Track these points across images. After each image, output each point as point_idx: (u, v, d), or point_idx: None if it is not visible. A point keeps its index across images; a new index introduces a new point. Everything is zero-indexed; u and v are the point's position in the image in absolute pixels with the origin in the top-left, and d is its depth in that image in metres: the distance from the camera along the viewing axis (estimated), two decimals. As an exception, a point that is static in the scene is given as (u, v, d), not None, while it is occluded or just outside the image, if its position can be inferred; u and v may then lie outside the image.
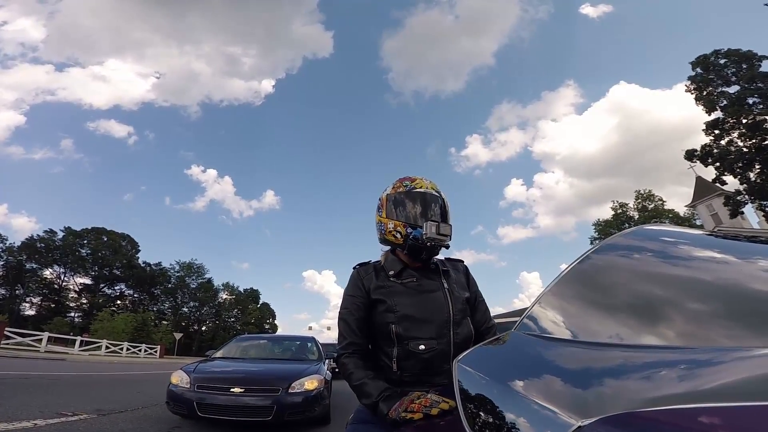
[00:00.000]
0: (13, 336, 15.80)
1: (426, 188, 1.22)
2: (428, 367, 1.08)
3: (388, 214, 1.22)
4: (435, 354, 1.07)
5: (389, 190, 1.26)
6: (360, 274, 1.23)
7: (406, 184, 1.23)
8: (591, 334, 0.59)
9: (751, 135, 18.25)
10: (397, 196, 1.22)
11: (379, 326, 1.14)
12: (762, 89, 18.18)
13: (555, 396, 0.47)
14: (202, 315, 60.33)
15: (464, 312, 1.17)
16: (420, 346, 1.07)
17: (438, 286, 1.18)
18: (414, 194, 1.20)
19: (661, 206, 34.87)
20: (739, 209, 19.69)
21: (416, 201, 1.20)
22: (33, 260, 47.10)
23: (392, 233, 1.20)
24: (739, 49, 19.25)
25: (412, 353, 1.07)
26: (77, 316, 48.95)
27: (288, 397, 4.08)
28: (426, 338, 1.08)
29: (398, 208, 1.20)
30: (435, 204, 1.20)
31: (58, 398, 5.01)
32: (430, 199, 1.20)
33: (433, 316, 1.12)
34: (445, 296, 1.15)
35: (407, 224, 1.17)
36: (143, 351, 28.18)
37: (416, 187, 1.21)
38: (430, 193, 1.21)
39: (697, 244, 0.66)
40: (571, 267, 0.70)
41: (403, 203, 1.20)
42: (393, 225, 1.20)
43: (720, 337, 0.44)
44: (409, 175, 1.27)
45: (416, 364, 1.08)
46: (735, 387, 0.34)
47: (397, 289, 1.16)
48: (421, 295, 1.15)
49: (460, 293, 1.19)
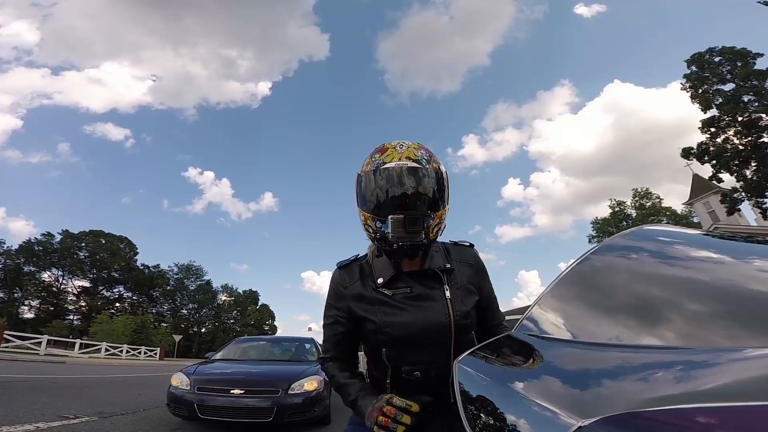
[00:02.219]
0: (13, 339, 15.75)
1: (398, 161, 0.91)
2: (425, 391, 0.94)
3: (358, 200, 0.96)
4: (432, 378, 0.94)
5: (361, 167, 0.98)
6: (341, 280, 1.02)
7: (375, 158, 0.95)
8: (591, 334, 0.59)
9: (747, 133, 18.30)
10: (365, 177, 0.94)
11: (369, 344, 1.00)
12: (757, 87, 18.23)
13: (555, 396, 0.47)
14: (202, 317, 60.21)
15: (469, 327, 0.98)
16: (415, 373, 0.93)
17: (438, 295, 0.96)
18: (381, 173, 0.91)
19: (658, 204, 34.99)
20: (735, 206, 19.74)
21: (382, 183, 0.91)
22: (31, 263, 46.92)
23: (365, 226, 0.96)
24: (733, 47, 19.28)
25: (406, 379, 0.94)
26: (76, 319, 48.80)
27: (288, 398, 4.08)
28: (422, 363, 0.93)
29: (365, 193, 0.94)
30: (406, 184, 0.90)
31: (59, 401, 4.99)
32: (398, 178, 0.90)
33: (431, 337, 0.93)
34: (447, 310, 0.94)
35: (376, 216, 0.92)
36: (143, 353, 28.10)
37: (385, 162, 0.91)
38: (401, 167, 0.90)
39: (696, 245, 0.67)
40: (571, 268, 0.71)
41: (369, 187, 0.93)
42: (363, 216, 0.95)
43: (719, 338, 0.45)
44: (385, 143, 0.98)
45: (411, 388, 0.94)
46: (734, 387, 0.35)
47: (387, 304, 0.95)
48: (416, 311, 0.94)
49: (466, 301, 0.98)
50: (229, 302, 62.44)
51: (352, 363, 1.08)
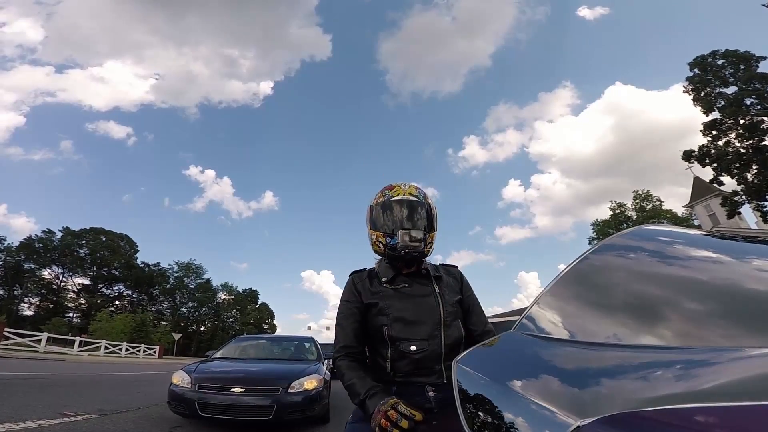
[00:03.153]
0: (12, 336, 15.76)
1: (403, 195, 1.23)
2: (419, 367, 1.11)
3: (371, 224, 1.26)
4: (426, 354, 1.11)
5: (372, 200, 1.29)
6: (354, 281, 1.26)
7: (385, 193, 1.26)
8: (590, 334, 0.59)
9: (749, 136, 18.28)
10: (377, 206, 1.25)
11: (374, 329, 1.18)
12: (759, 90, 18.21)
13: (554, 396, 0.48)
14: (201, 315, 60.18)
15: (455, 315, 1.20)
16: (411, 347, 1.11)
17: (429, 290, 1.21)
18: (390, 203, 1.23)
19: (659, 206, 34.93)
20: (736, 209, 19.72)
21: (392, 210, 1.22)
22: (31, 260, 46.93)
23: (375, 244, 1.25)
24: (736, 50, 19.27)
25: (404, 354, 1.11)
26: (76, 317, 48.83)
27: (288, 397, 4.09)
28: (417, 339, 1.12)
29: (378, 218, 1.24)
30: (410, 211, 1.21)
31: (60, 399, 5.00)
32: (405, 207, 1.22)
33: (424, 318, 1.15)
34: (436, 299, 1.18)
35: (386, 234, 1.21)
36: (142, 351, 28.12)
37: (393, 196, 1.24)
38: (406, 200, 1.22)
39: (695, 245, 0.67)
40: (570, 267, 0.71)
41: (382, 213, 1.23)
42: (375, 236, 1.24)
43: (718, 337, 0.45)
44: (392, 183, 1.30)
45: (408, 364, 1.11)
46: (733, 387, 0.35)
47: (390, 294, 1.19)
48: (412, 299, 1.18)
49: (451, 296, 1.22)
50: (229, 301, 62.43)
51: (364, 355, 1.23)
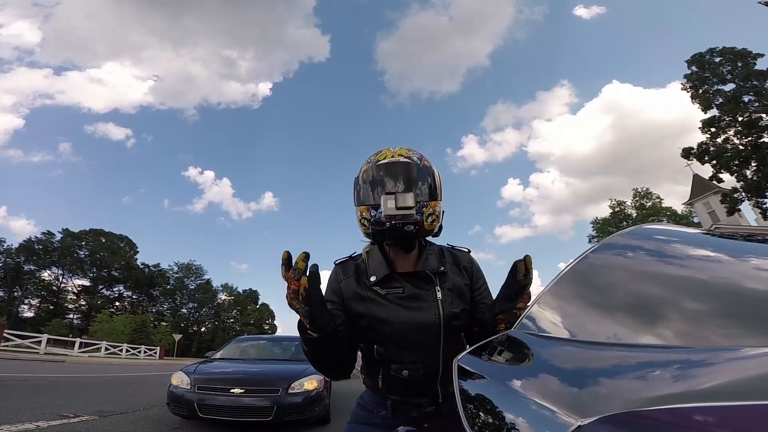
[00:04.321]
0: (13, 338, 15.76)
1: (390, 157, 1.00)
2: (413, 389, 0.99)
3: (356, 199, 1.03)
4: (420, 377, 0.97)
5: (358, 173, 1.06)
6: (338, 275, 1.06)
7: (369, 159, 1.03)
8: (590, 333, 0.59)
9: (747, 133, 18.29)
10: (360, 176, 1.03)
11: (363, 343, 1.03)
12: (757, 87, 18.20)
13: (554, 395, 0.47)
14: (201, 316, 60.20)
15: (458, 329, 1.02)
16: (403, 372, 0.96)
17: (429, 296, 0.99)
18: (375, 168, 0.99)
19: (658, 204, 34.96)
20: (736, 207, 19.72)
21: (377, 175, 0.98)
22: (31, 262, 46.88)
23: (361, 221, 1.02)
24: (734, 47, 19.25)
25: (396, 377, 0.98)
26: (76, 318, 48.79)
27: (288, 398, 4.09)
28: (410, 363, 0.96)
29: (361, 190, 1.01)
30: (397, 172, 0.98)
31: (59, 400, 5.00)
32: (391, 169, 0.98)
33: (420, 336, 0.96)
34: (437, 310, 0.97)
35: (370, 206, 0.97)
36: (143, 352, 28.11)
37: (379, 160, 1.01)
38: (392, 161, 0.99)
39: (696, 244, 0.66)
40: (570, 266, 0.70)
41: (365, 183, 1.00)
42: (359, 211, 1.01)
43: (718, 337, 0.45)
44: (380, 148, 1.07)
45: (400, 386, 0.99)
46: (733, 386, 0.34)
47: (379, 303, 0.99)
48: (406, 312, 0.97)
49: (456, 303, 1.01)
50: (229, 301, 62.41)
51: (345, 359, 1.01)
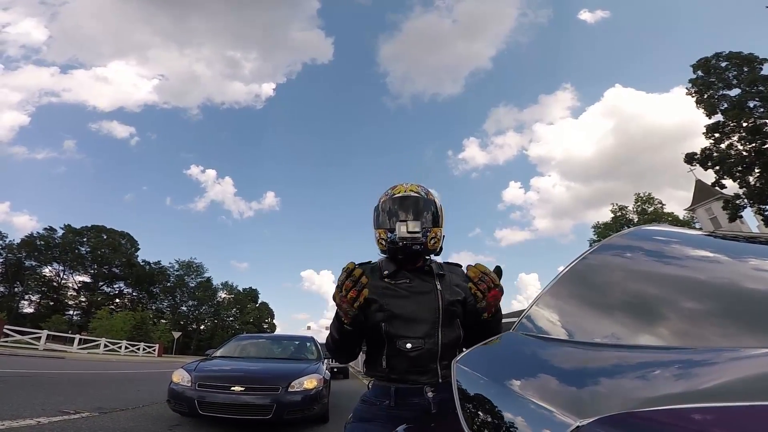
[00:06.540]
0: (12, 334, 15.79)
1: (403, 192, 1.27)
2: (415, 365, 1.12)
3: (375, 224, 1.30)
4: (421, 353, 1.12)
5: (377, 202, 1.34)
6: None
7: (387, 192, 1.31)
8: (589, 334, 0.59)
9: (752, 138, 18.22)
10: (380, 205, 1.30)
11: (372, 325, 1.17)
12: (763, 92, 18.12)
13: (553, 396, 0.47)
14: (201, 314, 60.26)
15: (454, 314, 1.20)
16: (407, 345, 1.12)
17: (431, 287, 1.21)
18: (391, 200, 1.27)
19: (660, 209, 34.85)
20: (738, 213, 19.65)
21: (393, 206, 1.26)
22: (32, 258, 47.04)
23: (379, 241, 1.27)
24: (740, 52, 19.20)
25: (400, 351, 1.12)
26: (76, 314, 48.92)
27: (288, 396, 4.09)
28: (413, 337, 1.13)
29: (380, 216, 1.28)
30: (409, 204, 1.25)
31: (59, 396, 5.01)
32: (404, 201, 1.25)
33: (422, 316, 1.16)
34: (436, 297, 1.19)
35: (387, 230, 1.24)
36: (142, 349, 28.13)
37: (395, 194, 1.28)
38: (405, 195, 1.27)
39: (694, 245, 0.67)
40: (569, 267, 0.70)
41: (383, 211, 1.27)
42: (378, 234, 1.27)
43: (717, 338, 0.45)
44: (396, 183, 1.34)
45: (403, 361, 1.13)
46: (732, 387, 0.35)
47: (389, 289, 1.20)
48: (411, 296, 1.19)
49: (452, 295, 1.21)
50: (229, 300, 62.50)
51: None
